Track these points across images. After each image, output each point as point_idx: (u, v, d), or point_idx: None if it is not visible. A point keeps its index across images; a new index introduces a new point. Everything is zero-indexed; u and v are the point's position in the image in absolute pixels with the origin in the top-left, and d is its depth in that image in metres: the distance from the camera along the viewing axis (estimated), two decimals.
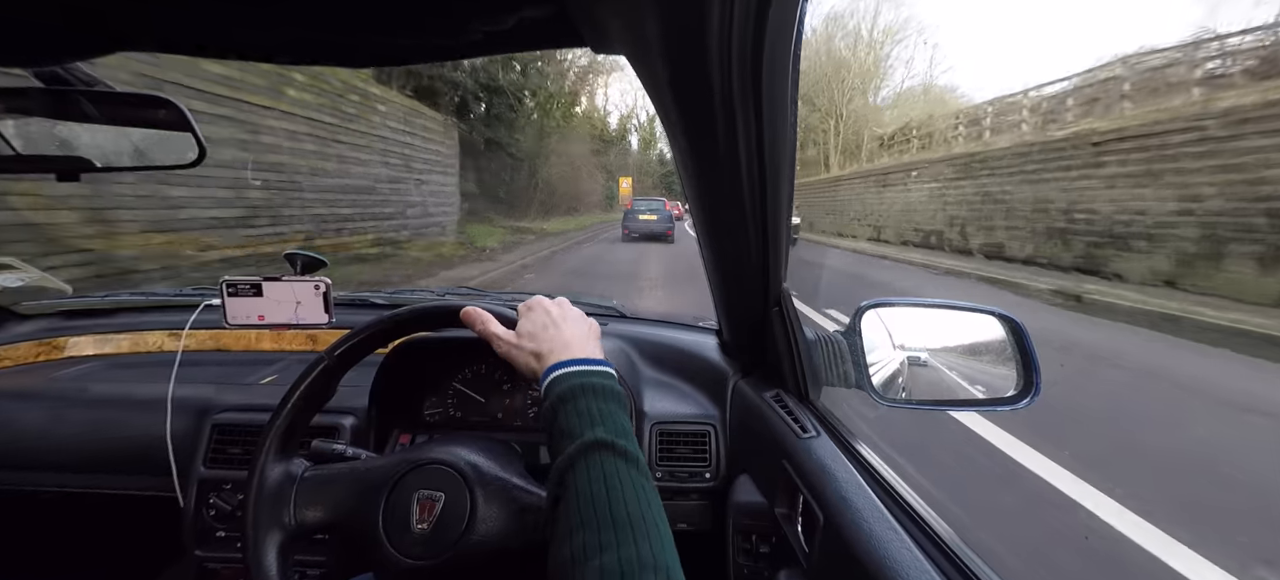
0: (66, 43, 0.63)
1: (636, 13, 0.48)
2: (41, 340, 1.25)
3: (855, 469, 0.70)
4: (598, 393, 0.55)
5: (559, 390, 0.55)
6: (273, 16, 0.55)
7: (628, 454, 0.50)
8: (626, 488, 0.47)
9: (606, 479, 0.47)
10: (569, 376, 0.56)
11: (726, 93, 0.52)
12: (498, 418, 1.08)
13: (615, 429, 0.52)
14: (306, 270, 0.97)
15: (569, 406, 0.53)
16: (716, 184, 0.68)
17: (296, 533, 0.63)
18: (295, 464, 0.66)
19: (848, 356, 0.87)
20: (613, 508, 0.45)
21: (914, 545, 0.56)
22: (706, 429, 1.00)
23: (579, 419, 0.52)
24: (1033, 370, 0.79)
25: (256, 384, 1.14)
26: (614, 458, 0.49)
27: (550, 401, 0.55)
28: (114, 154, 0.84)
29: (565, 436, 0.51)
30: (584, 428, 0.51)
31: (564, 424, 0.52)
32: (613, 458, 0.49)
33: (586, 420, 0.52)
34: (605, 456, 0.49)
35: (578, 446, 0.49)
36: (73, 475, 1.07)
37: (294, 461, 0.66)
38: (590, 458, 0.49)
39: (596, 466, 0.48)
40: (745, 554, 0.83)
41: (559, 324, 0.63)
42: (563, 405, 0.54)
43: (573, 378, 0.56)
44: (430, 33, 0.58)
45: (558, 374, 0.57)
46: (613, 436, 0.50)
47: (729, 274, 0.88)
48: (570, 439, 0.50)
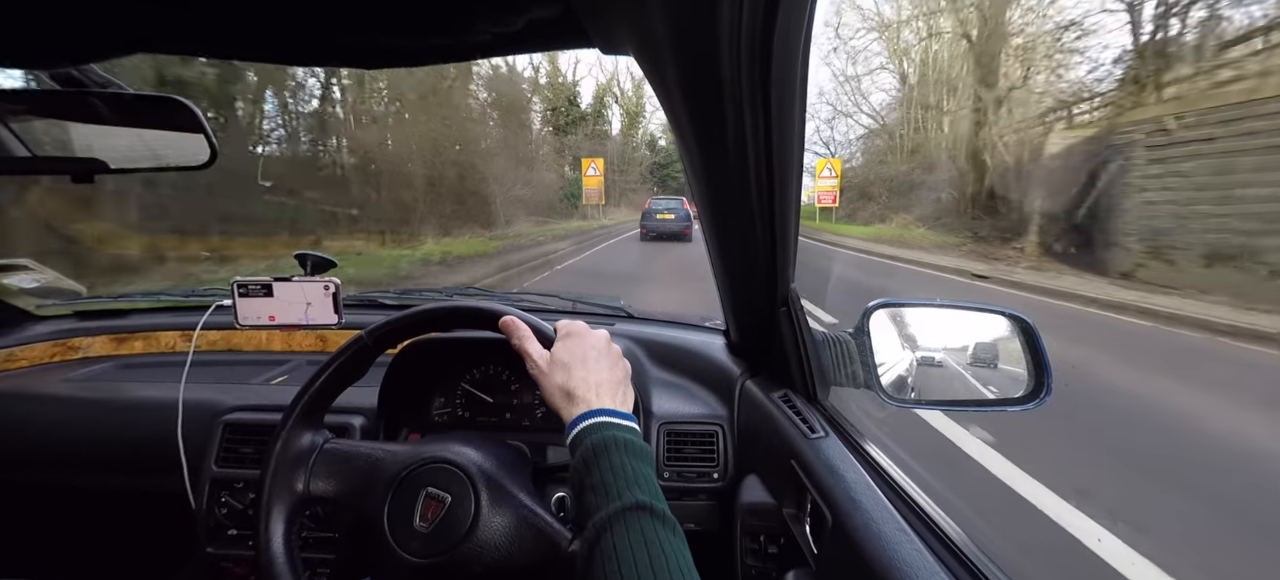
0: (82, 45, 0.64)
1: (644, 12, 0.48)
2: (57, 341, 1.26)
3: (864, 469, 0.69)
4: (630, 450, 0.55)
5: (592, 441, 0.55)
6: (283, 18, 0.56)
7: (665, 518, 0.50)
8: (667, 552, 0.48)
9: (647, 544, 0.48)
10: (602, 428, 0.56)
11: (735, 92, 0.52)
12: (506, 418, 1.08)
13: (651, 490, 0.52)
14: (316, 271, 0.98)
15: (604, 461, 0.53)
16: (724, 183, 0.68)
17: (306, 500, 0.65)
18: (319, 434, 0.68)
19: (856, 356, 0.87)
20: (655, 573, 0.46)
21: (924, 547, 0.55)
22: (714, 429, 1.00)
23: (615, 477, 0.52)
24: (1044, 371, 0.79)
25: (267, 384, 1.15)
26: (653, 521, 0.49)
27: (581, 453, 0.55)
28: (128, 155, 0.85)
29: (601, 494, 0.51)
30: (621, 487, 0.51)
31: (598, 480, 0.52)
32: (651, 521, 0.49)
33: (623, 479, 0.52)
34: (644, 519, 0.49)
35: (617, 508, 0.50)
36: (87, 474, 1.08)
37: (319, 432, 0.69)
38: (629, 520, 0.49)
39: (636, 530, 0.48)
40: (753, 554, 0.83)
41: (593, 363, 0.62)
42: (597, 458, 0.54)
43: (605, 429, 0.56)
44: (438, 33, 0.59)
45: (589, 424, 0.57)
46: (651, 499, 0.51)
47: (737, 274, 0.87)
48: (607, 497, 0.51)
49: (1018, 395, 0.81)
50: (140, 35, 0.61)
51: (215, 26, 0.58)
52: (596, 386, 0.60)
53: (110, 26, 0.58)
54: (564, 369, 0.61)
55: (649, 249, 14.89)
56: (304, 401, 0.67)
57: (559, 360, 0.62)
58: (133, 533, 1.35)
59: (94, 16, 0.55)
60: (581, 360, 0.62)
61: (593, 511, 0.51)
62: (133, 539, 1.36)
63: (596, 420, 0.57)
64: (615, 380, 0.63)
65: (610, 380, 0.62)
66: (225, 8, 0.54)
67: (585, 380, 0.60)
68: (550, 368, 0.62)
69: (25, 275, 1.72)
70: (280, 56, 0.72)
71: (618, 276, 10.28)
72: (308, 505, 0.66)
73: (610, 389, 0.61)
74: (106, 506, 1.29)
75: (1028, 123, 14.64)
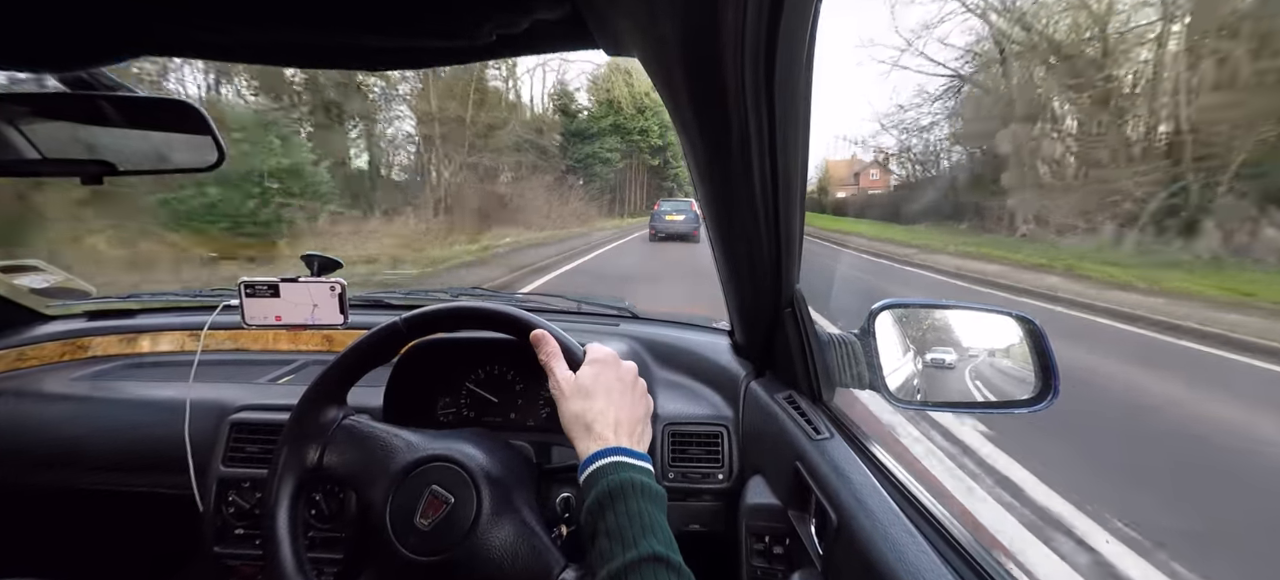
0: (89, 48, 0.64)
1: (649, 14, 0.48)
2: (67, 340, 1.27)
3: (870, 471, 0.69)
4: (646, 494, 0.54)
5: (608, 483, 0.54)
6: (292, 20, 0.56)
7: (681, 570, 0.50)
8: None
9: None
10: (619, 468, 0.55)
11: (740, 94, 0.52)
12: (511, 418, 1.09)
13: (666, 540, 0.51)
14: (323, 271, 0.98)
15: (620, 506, 0.52)
16: (729, 185, 0.68)
17: (318, 472, 0.66)
18: (341, 409, 0.70)
19: (861, 358, 0.87)
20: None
21: (931, 549, 0.55)
22: (719, 430, 1.00)
23: (631, 524, 0.51)
24: (1051, 373, 0.78)
25: (274, 383, 1.16)
26: (668, 573, 0.49)
27: (597, 494, 0.54)
28: (136, 157, 0.86)
29: (616, 540, 0.50)
30: (637, 535, 0.50)
31: (613, 526, 0.51)
32: (668, 574, 0.49)
33: (638, 526, 0.51)
34: (660, 571, 0.49)
35: (634, 558, 0.49)
36: (95, 473, 1.09)
37: (341, 407, 0.71)
38: (645, 572, 0.48)
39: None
40: (759, 555, 0.82)
41: (616, 397, 0.61)
42: (613, 502, 0.52)
43: (622, 470, 0.54)
44: (444, 35, 0.59)
45: (605, 463, 0.55)
46: (667, 551, 0.50)
47: (742, 275, 0.87)
48: (622, 546, 0.50)
49: (1025, 397, 0.81)
50: (144, 39, 0.62)
51: (220, 30, 0.58)
52: (615, 424, 0.58)
53: (115, 30, 0.59)
54: (586, 397, 0.60)
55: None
56: (331, 377, 0.70)
57: (582, 387, 0.61)
58: (139, 532, 1.36)
59: (99, 20, 0.56)
60: (605, 391, 0.60)
61: (607, 557, 0.50)
62: (139, 538, 1.37)
63: (613, 460, 0.55)
64: (636, 418, 0.61)
65: (631, 418, 0.60)
66: (230, 11, 0.54)
67: (604, 415, 0.58)
68: (573, 392, 0.60)
69: (35, 276, 1.74)
70: (285, 59, 0.72)
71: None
72: (318, 479, 0.67)
73: (630, 427, 0.59)
74: (113, 506, 1.30)
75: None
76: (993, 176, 17.36)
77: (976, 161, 20.90)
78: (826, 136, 45.48)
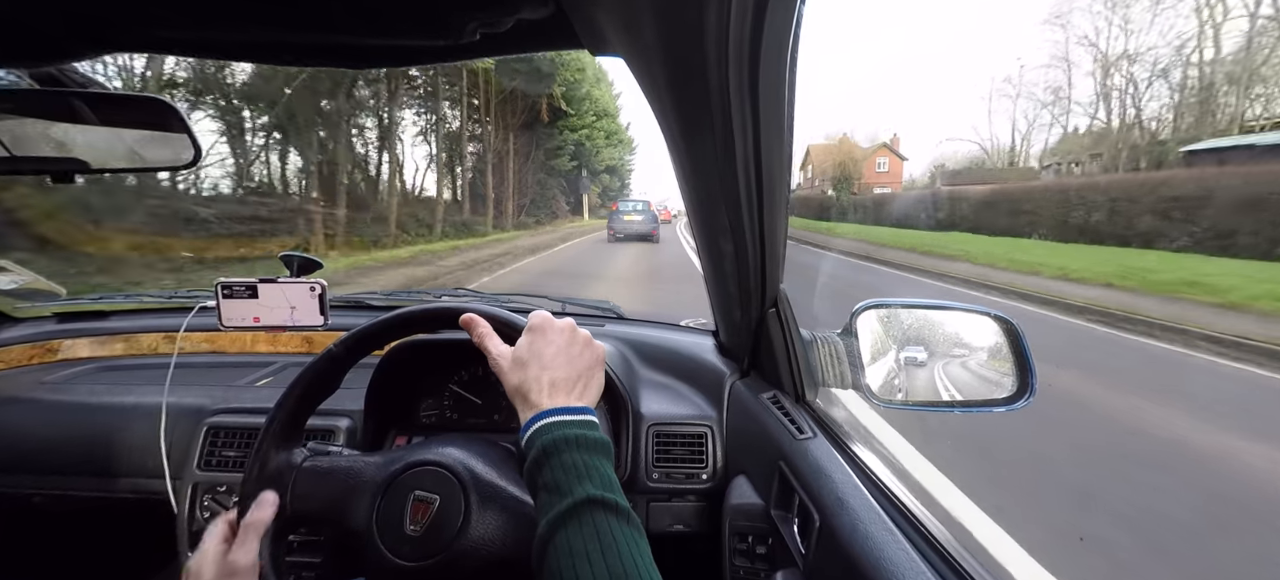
0: (62, 44, 0.63)
1: (634, 14, 0.48)
2: (35, 343, 1.24)
3: (851, 470, 0.70)
4: (581, 445, 0.53)
5: (542, 443, 0.53)
6: (272, 18, 0.55)
7: (618, 508, 0.49)
8: (621, 545, 0.47)
9: (599, 537, 0.47)
10: (551, 428, 0.54)
11: (723, 95, 0.52)
12: (494, 419, 1.08)
13: (603, 482, 0.50)
14: (302, 272, 0.97)
15: (554, 461, 0.51)
16: (713, 185, 0.68)
17: (291, 521, 0.63)
18: (296, 452, 0.66)
19: (845, 357, 0.87)
20: (609, 566, 0.45)
21: (910, 546, 0.56)
22: (703, 430, 1.00)
23: (565, 474, 0.50)
24: (1028, 371, 0.80)
25: (251, 386, 1.14)
26: (605, 514, 0.48)
27: (532, 457, 0.53)
28: (109, 155, 0.84)
29: (553, 492, 0.50)
30: (572, 483, 0.50)
31: (550, 479, 0.51)
32: (604, 514, 0.48)
33: (573, 475, 0.50)
34: (597, 513, 0.48)
35: (568, 505, 0.48)
36: (66, 479, 1.06)
37: (295, 450, 0.67)
38: (582, 516, 0.48)
39: (589, 524, 0.47)
40: (742, 555, 0.83)
41: (549, 359, 0.59)
42: (547, 459, 0.52)
43: (555, 429, 0.54)
44: (428, 34, 0.58)
45: (539, 426, 0.54)
46: (603, 491, 0.49)
47: (726, 275, 0.88)
48: (558, 495, 0.49)
49: (1002, 396, 0.82)
50: (120, 35, 0.60)
51: (200, 26, 0.57)
52: (550, 386, 0.57)
53: (88, 26, 0.58)
54: (520, 368, 0.58)
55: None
56: (278, 420, 0.66)
57: (517, 358, 0.59)
58: (112, 538, 1.33)
59: (72, 16, 0.55)
60: (537, 357, 0.59)
61: (546, 509, 0.49)
62: (112, 544, 1.34)
63: (546, 422, 0.54)
64: (575, 374, 0.60)
65: (569, 376, 0.59)
66: (211, 8, 0.53)
67: (538, 380, 0.57)
68: (509, 367, 0.59)
69: (2, 277, 1.69)
70: (268, 57, 0.71)
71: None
72: (293, 526, 0.64)
73: (567, 385, 0.58)
74: (86, 512, 1.27)
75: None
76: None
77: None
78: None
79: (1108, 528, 2.30)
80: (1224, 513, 2.53)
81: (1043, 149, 35.90)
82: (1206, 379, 4.72)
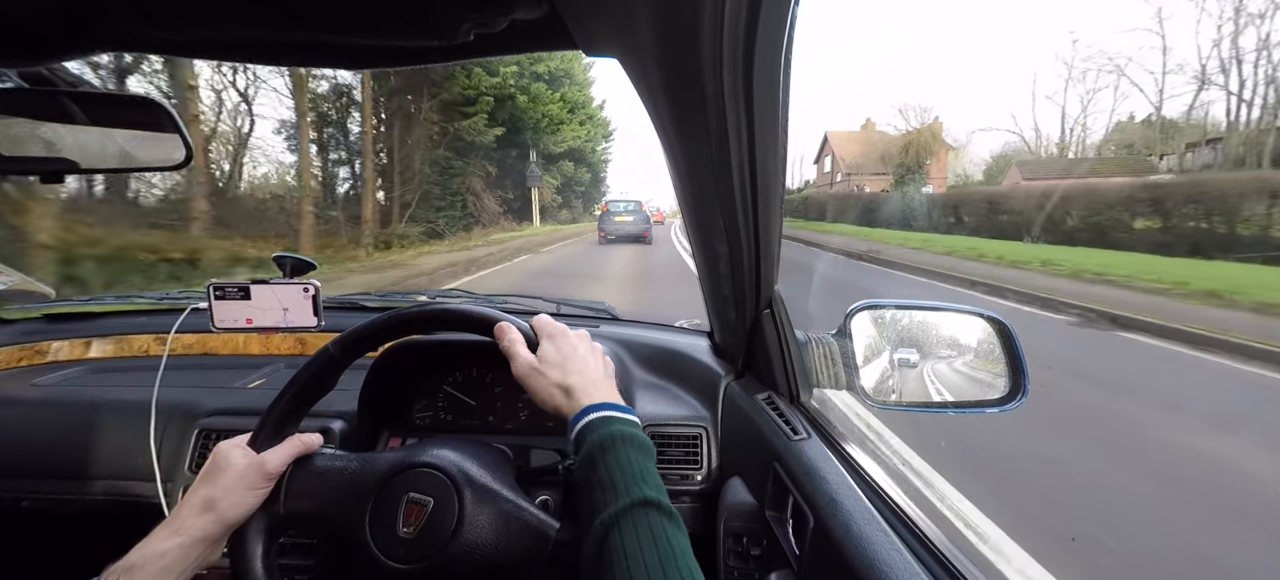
0: (50, 42, 0.62)
1: (628, 15, 0.48)
2: (24, 345, 1.23)
3: (845, 471, 0.70)
4: (635, 444, 0.55)
5: (599, 437, 0.55)
6: (266, 18, 0.55)
7: (672, 513, 0.51)
8: (676, 549, 0.48)
9: (655, 540, 0.48)
10: (608, 422, 0.56)
11: (718, 95, 0.52)
12: (489, 421, 1.08)
13: (657, 486, 0.52)
14: (295, 273, 0.96)
15: (611, 456, 0.53)
16: (708, 186, 0.68)
17: (284, 521, 0.63)
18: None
19: (839, 358, 0.88)
20: (665, 570, 0.46)
21: (904, 547, 0.56)
22: (698, 431, 1.00)
23: (623, 473, 0.52)
24: (1021, 373, 0.80)
25: (244, 388, 1.13)
26: (660, 517, 0.50)
27: (587, 448, 0.54)
28: (99, 155, 0.83)
29: (609, 490, 0.51)
30: (630, 483, 0.51)
31: (606, 476, 0.52)
32: (659, 517, 0.49)
33: (630, 475, 0.52)
34: (652, 515, 0.49)
35: (625, 505, 0.50)
36: (55, 482, 1.05)
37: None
38: (638, 517, 0.49)
39: (645, 526, 0.49)
40: (736, 556, 0.83)
41: (584, 358, 0.62)
42: (603, 454, 0.53)
43: (611, 424, 0.56)
44: (422, 35, 0.58)
45: (594, 418, 0.57)
46: (658, 495, 0.51)
47: (721, 276, 0.88)
48: (615, 494, 0.50)
49: (995, 396, 0.82)
50: (111, 34, 0.60)
51: (191, 25, 0.57)
52: (593, 382, 0.60)
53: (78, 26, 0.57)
54: (558, 367, 0.61)
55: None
56: (272, 420, 0.66)
57: (550, 359, 0.62)
58: (101, 542, 1.32)
59: (62, 15, 0.54)
60: (572, 355, 0.62)
61: (600, 508, 0.51)
62: (101, 548, 1.33)
63: (601, 414, 0.57)
64: (606, 373, 0.64)
65: (604, 376, 0.63)
66: (205, 8, 0.53)
67: (583, 374, 0.60)
68: (543, 366, 0.61)
69: None
70: (260, 56, 0.71)
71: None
72: (286, 526, 0.64)
73: (607, 385, 0.62)
74: (74, 515, 1.26)
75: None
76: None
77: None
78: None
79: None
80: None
81: (1105, 133, 29.68)
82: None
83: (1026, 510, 2.40)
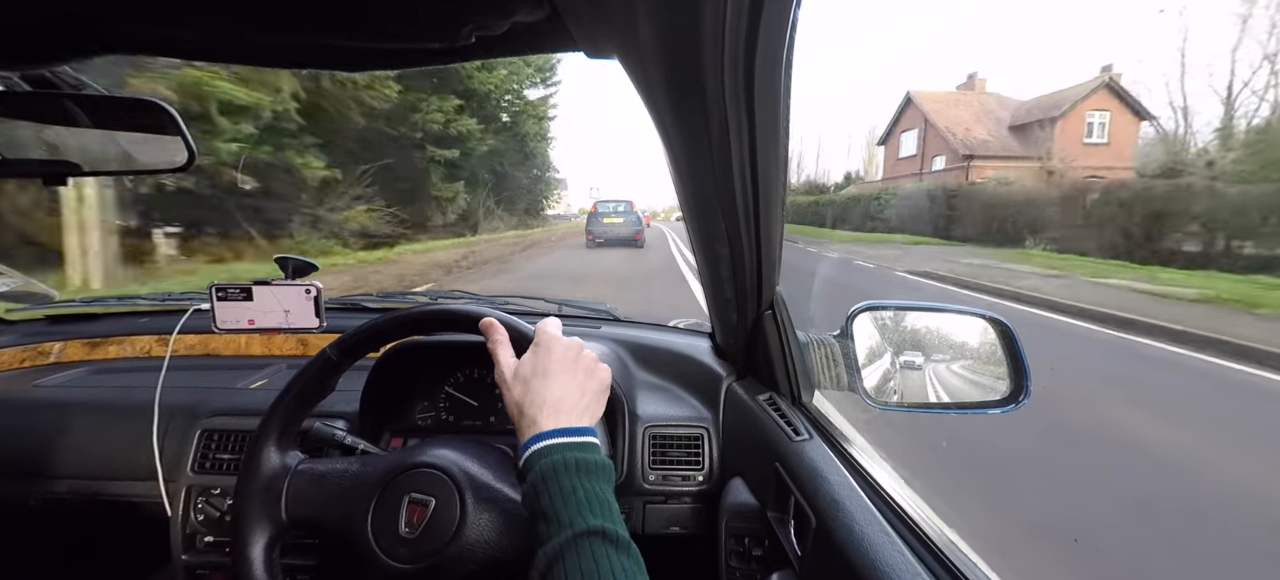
0: (54, 46, 0.63)
1: (630, 17, 0.48)
2: (26, 346, 1.23)
3: (847, 472, 0.70)
4: (581, 469, 0.51)
5: (541, 467, 0.51)
6: (267, 21, 0.55)
7: (618, 540, 0.48)
8: (619, 578, 0.46)
9: (598, 572, 0.46)
10: (550, 451, 0.52)
11: (719, 97, 0.52)
12: (490, 421, 1.08)
13: (603, 511, 0.49)
14: (297, 274, 0.97)
15: (553, 486, 0.50)
16: (710, 188, 0.68)
17: (286, 527, 0.63)
18: (290, 456, 0.66)
19: (840, 359, 0.87)
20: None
21: (906, 548, 0.56)
22: (700, 432, 1.00)
23: (565, 503, 0.49)
24: (1022, 373, 0.80)
25: (246, 389, 1.13)
26: (604, 546, 0.47)
27: (530, 481, 0.51)
28: (101, 157, 0.84)
29: (552, 522, 0.48)
30: (572, 514, 0.48)
31: (548, 507, 0.49)
32: (603, 546, 0.47)
33: (572, 505, 0.49)
34: (596, 545, 0.47)
35: (567, 537, 0.47)
36: (58, 482, 1.05)
37: (289, 454, 0.66)
38: (581, 547, 0.47)
39: (588, 557, 0.46)
40: (737, 556, 0.83)
41: (554, 377, 0.57)
42: (546, 485, 0.50)
43: (553, 452, 0.52)
44: (423, 37, 0.58)
45: (537, 448, 0.53)
46: (602, 522, 0.48)
47: (723, 278, 0.88)
48: (557, 525, 0.48)
49: (997, 398, 0.82)
50: (114, 36, 0.60)
51: (193, 28, 0.57)
52: (554, 405, 0.55)
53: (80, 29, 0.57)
54: (523, 383, 0.57)
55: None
56: (271, 424, 0.65)
57: (521, 373, 0.58)
58: (105, 541, 1.32)
59: (64, 18, 0.54)
60: (543, 373, 0.57)
61: (542, 540, 0.48)
62: (105, 548, 1.33)
63: (546, 444, 0.53)
64: (582, 395, 0.58)
65: (574, 396, 0.57)
66: (206, 10, 0.53)
67: (542, 397, 0.55)
68: (513, 380, 0.58)
69: None
70: (262, 59, 0.71)
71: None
72: (288, 531, 0.64)
73: (571, 406, 0.56)
74: (77, 516, 1.26)
75: None
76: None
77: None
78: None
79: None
80: None
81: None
82: None
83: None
